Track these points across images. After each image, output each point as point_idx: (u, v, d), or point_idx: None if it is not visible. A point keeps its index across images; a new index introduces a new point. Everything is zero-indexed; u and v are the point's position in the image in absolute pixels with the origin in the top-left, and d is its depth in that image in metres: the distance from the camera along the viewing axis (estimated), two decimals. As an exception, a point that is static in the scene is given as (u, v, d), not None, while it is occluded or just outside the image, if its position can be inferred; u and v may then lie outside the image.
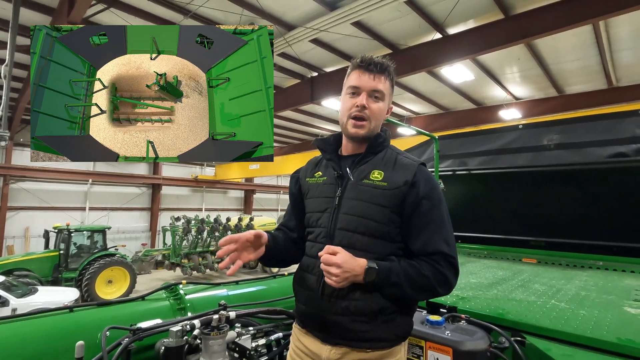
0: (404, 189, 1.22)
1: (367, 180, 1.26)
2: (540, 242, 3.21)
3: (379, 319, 1.18)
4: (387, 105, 1.35)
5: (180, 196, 20.61)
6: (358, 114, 1.28)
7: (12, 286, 8.55)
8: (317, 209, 1.34)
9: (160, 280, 14.15)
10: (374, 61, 1.29)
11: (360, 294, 1.18)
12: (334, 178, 1.33)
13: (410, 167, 1.26)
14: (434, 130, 12.35)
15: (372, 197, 1.23)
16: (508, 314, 1.48)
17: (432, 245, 1.18)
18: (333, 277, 1.13)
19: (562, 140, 3.13)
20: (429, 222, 1.21)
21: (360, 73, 1.29)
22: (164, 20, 7.42)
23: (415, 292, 1.17)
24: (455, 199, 3.64)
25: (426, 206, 1.21)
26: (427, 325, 1.36)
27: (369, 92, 1.28)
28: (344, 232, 1.24)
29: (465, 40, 7.21)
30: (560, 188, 3.05)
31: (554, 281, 2.18)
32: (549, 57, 8.61)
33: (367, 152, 1.32)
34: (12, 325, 1.50)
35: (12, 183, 14.98)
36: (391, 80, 1.34)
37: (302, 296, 1.32)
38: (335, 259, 1.13)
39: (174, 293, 2.03)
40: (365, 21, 7.36)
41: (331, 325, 1.21)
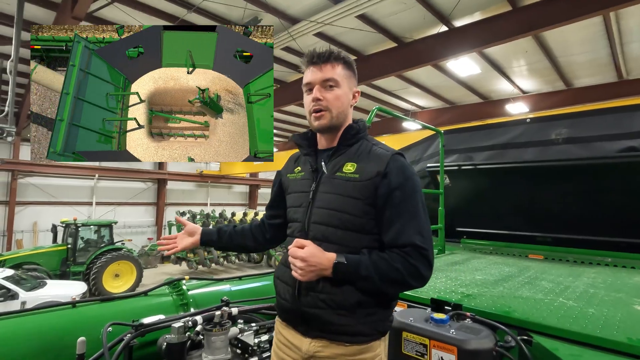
0: (376, 180, 1.20)
1: (340, 173, 1.26)
2: (547, 238, 3.17)
3: (359, 312, 1.18)
4: (348, 90, 1.32)
5: (185, 191, 20.73)
6: (315, 107, 1.28)
7: (21, 280, 8.67)
8: (295, 204, 1.35)
9: (166, 274, 14.30)
10: (317, 53, 1.29)
11: (336, 288, 1.18)
12: (310, 172, 1.34)
13: (383, 157, 1.24)
14: (439, 125, 12.23)
15: (345, 190, 1.23)
16: (514, 312, 1.45)
17: (404, 237, 1.16)
18: (298, 270, 1.14)
19: (571, 134, 3.07)
20: (401, 214, 1.18)
21: (309, 70, 1.30)
22: (167, 14, 7.38)
23: (386, 285, 1.16)
24: (460, 194, 3.60)
25: (398, 197, 1.19)
26: (431, 324, 1.33)
27: (320, 83, 1.28)
28: (318, 226, 1.25)
29: (471, 32, 7.09)
30: (568, 183, 2.99)
31: (561, 278, 2.14)
32: (557, 50, 8.45)
33: (340, 144, 1.31)
34: (17, 320, 1.50)
35: (20, 178, 15.15)
36: (344, 64, 1.31)
37: (281, 290, 1.32)
38: (300, 253, 1.14)
39: (177, 289, 2.03)
40: (369, 14, 7.27)
41: (310, 319, 1.22)
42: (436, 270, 2.33)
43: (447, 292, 1.76)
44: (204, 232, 1.54)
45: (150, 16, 7.34)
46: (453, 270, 2.36)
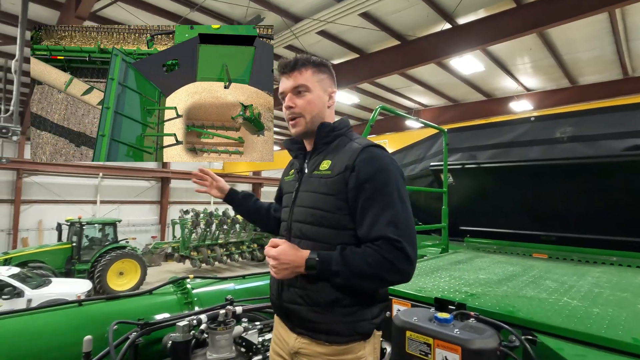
0: (346, 174, 1.21)
1: (316, 172, 1.29)
2: (551, 237, 3.15)
3: (336, 311, 1.18)
4: (321, 93, 1.33)
5: (189, 189, 20.78)
6: (289, 115, 1.32)
7: (27, 277, 8.74)
8: (284, 204, 1.42)
9: (170, 273, 14.37)
10: (285, 62, 1.32)
11: (312, 285, 1.20)
12: (296, 174, 1.40)
13: (354, 151, 1.23)
14: (442, 123, 12.19)
15: (318, 187, 1.25)
16: (518, 311, 1.45)
17: (376, 229, 1.14)
18: (272, 268, 1.19)
19: (576, 132, 3.05)
20: (372, 206, 1.16)
21: (281, 79, 1.34)
22: (170, 13, 7.39)
23: (361, 281, 1.15)
24: (464, 193, 3.58)
25: (369, 190, 1.17)
26: (435, 323, 1.33)
27: (291, 91, 1.31)
28: (297, 224, 1.28)
29: (475, 30, 7.05)
30: (573, 182, 2.97)
31: (566, 277, 2.13)
32: (562, 47, 8.39)
33: (317, 143, 1.34)
34: (23, 318, 1.52)
35: (25, 177, 15.28)
36: (314, 67, 1.33)
37: (272, 286, 1.37)
38: (272, 252, 1.18)
39: (182, 287, 2.04)
40: (373, 12, 7.24)
41: (291, 315, 1.25)
42: (440, 270, 2.32)
43: (450, 291, 1.76)
44: (230, 192, 1.65)
45: (153, 15, 7.35)
46: (457, 269, 2.36)
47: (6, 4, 7.16)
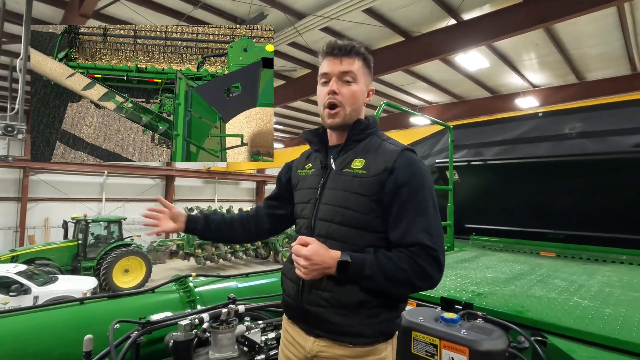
0: (383, 175, 1.16)
1: (347, 169, 1.23)
2: (559, 234, 3.11)
3: (361, 313, 1.15)
4: (364, 87, 1.29)
5: (193, 187, 20.87)
6: (330, 101, 1.24)
7: (33, 275, 8.81)
8: (303, 200, 1.33)
9: (174, 270, 14.44)
10: (339, 45, 1.25)
11: (339, 287, 1.15)
12: (320, 169, 1.32)
13: (392, 153, 1.20)
14: (447, 120, 12.04)
15: (351, 186, 1.20)
16: (527, 311, 1.41)
17: (411, 235, 1.12)
18: (301, 268, 1.12)
19: (585, 128, 2.99)
20: (408, 211, 1.14)
21: (328, 60, 1.26)
22: (174, 11, 7.36)
23: (392, 286, 1.12)
24: (470, 190, 3.54)
25: (406, 194, 1.15)
26: (441, 323, 1.30)
27: (338, 75, 1.24)
28: (323, 223, 1.22)
29: (480, 26, 6.95)
30: (582, 178, 2.92)
31: (575, 276, 2.08)
32: (569, 42, 8.26)
33: (349, 140, 1.28)
34: (24, 317, 1.51)
35: (32, 175, 15.39)
36: (364, 60, 1.28)
37: (287, 287, 1.31)
38: (304, 251, 1.11)
39: (184, 286, 2.02)
40: (377, 8, 7.17)
41: (312, 317, 1.20)
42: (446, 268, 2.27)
43: (457, 290, 1.73)
44: (190, 219, 1.48)
45: (157, 13, 7.34)
46: (463, 267, 2.32)
47: (11, 3, 7.19)
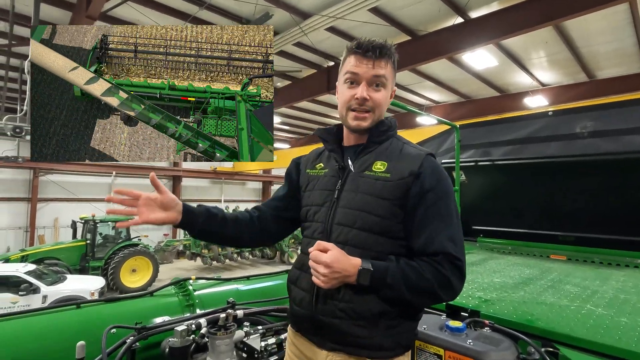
0: (408, 180, 1.10)
1: (368, 172, 1.16)
2: (569, 237, 3.01)
3: (381, 324, 1.07)
4: (391, 90, 1.24)
5: (200, 188, 20.97)
6: (359, 108, 1.17)
7: (42, 274, 8.91)
8: (316, 202, 1.23)
9: (181, 270, 14.53)
10: (373, 45, 1.17)
11: (358, 296, 1.07)
12: (336, 170, 1.23)
13: (417, 157, 1.14)
14: (454, 120, 11.89)
15: (373, 189, 1.12)
16: (537, 320, 1.34)
17: (436, 244, 1.06)
18: (321, 276, 1.04)
19: (597, 127, 2.90)
20: (433, 218, 1.08)
21: (358, 59, 1.18)
22: (179, 12, 7.38)
23: (414, 296, 1.06)
24: (477, 191, 3.46)
25: (431, 199, 1.09)
26: (446, 332, 1.24)
27: (369, 80, 1.16)
28: (342, 227, 1.14)
29: (488, 24, 6.84)
30: (594, 179, 2.83)
31: (588, 282, 2.00)
32: (579, 40, 8.10)
33: (370, 141, 1.21)
34: (18, 322, 1.49)
35: (42, 175, 15.61)
36: (393, 62, 1.22)
37: (297, 296, 1.21)
38: (324, 258, 1.03)
39: (183, 289, 1.98)
40: (382, 7, 7.10)
41: (327, 329, 1.11)
42: (452, 272, 2.22)
43: (463, 296, 1.66)
44: (187, 210, 1.23)
45: (163, 14, 7.36)
46: (469, 271, 2.25)
47: (19, 5, 7.27)
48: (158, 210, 1.20)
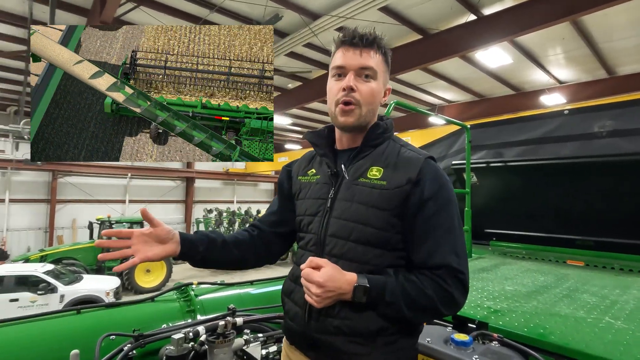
0: (407, 188, 1.02)
1: (363, 179, 1.07)
2: (588, 241, 2.87)
3: (378, 340, 1.01)
4: (382, 85, 1.13)
5: (212, 189, 21.19)
6: (346, 98, 1.07)
7: (60, 274, 9.11)
8: (309, 212, 1.15)
9: (194, 270, 14.68)
10: (359, 33, 1.08)
11: (354, 313, 1.00)
12: (328, 176, 1.14)
13: (415, 162, 1.06)
14: (468, 119, 11.70)
15: (369, 199, 1.04)
16: (550, 334, 1.25)
17: (438, 256, 0.99)
18: (313, 296, 0.97)
19: (618, 126, 2.75)
20: (434, 228, 1.01)
21: (345, 50, 1.09)
22: (190, 15, 7.46)
23: (414, 313, 0.99)
24: (490, 193, 3.35)
25: (432, 208, 1.01)
26: (451, 346, 1.17)
27: (356, 70, 1.07)
28: (336, 240, 1.06)
29: (502, 20, 6.66)
30: (613, 180, 2.69)
31: (607, 290, 1.88)
32: (598, 35, 7.82)
33: (364, 145, 1.12)
34: (20, 327, 1.49)
35: (60, 177, 16.04)
36: (383, 54, 1.12)
37: (290, 310, 1.15)
38: (316, 277, 0.96)
39: (185, 294, 1.97)
40: (393, 6, 7.01)
41: (322, 346, 1.05)
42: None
43: (471, 306, 1.58)
44: (185, 240, 1.15)
45: (174, 17, 7.45)
46: (480, 278, 2.16)
47: (37, 12, 7.46)
48: (155, 245, 1.12)
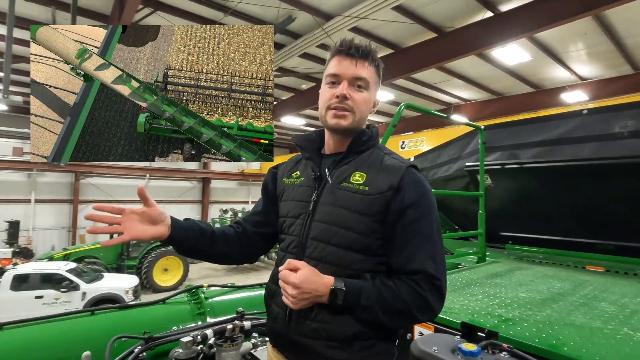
0: (388, 194, 1.05)
1: (346, 184, 1.10)
2: (609, 245, 2.77)
3: (355, 345, 1.03)
4: (372, 96, 1.17)
5: (228, 189, 21.48)
6: (339, 105, 1.11)
7: (82, 272, 9.43)
8: (291, 214, 1.18)
9: (210, 269, 14.95)
10: (355, 44, 1.13)
11: (331, 316, 1.03)
12: (312, 180, 1.17)
13: (398, 170, 1.09)
14: (485, 118, 11.46)
15: (351, 203, 1.07)
16: (563, 345, 1.21)
17: (416, 262, 1.01)
18: (290, 297, 1.00)
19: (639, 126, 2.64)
20: (414, 235, 1.04)
21: (340, 59, 1.13)
22: (206, 19, 7.58)
23: (389, 317, 1.01)
24: (505, 195, 3.27)
25: (412, 215, 1.04)
26: (459, 356, 1.14)
27: (350, 80, 1.12)
28: (317, 243, 1.09)
29: (520, 16, 6.49)
30: (636, 182, 2.57)
31: (627, 299, 1.80)
32: (622, 30, 7.51)
33: (349, 151, 1.16)
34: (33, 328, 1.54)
35: (82, 179, 16.60)
36: (376, 67, 1.17)
37: (272, 312, 1.17)
38: (292, 278, 0.99)
39: (195, 297, 1.99)
40: (407, 5, 6.92)
41: (302, 349, 1.07)
42: (473, 284, 2.08)
43: (481, 314, 1.54)
44: (176, 226, 1.14)
45: (190, 21, 7.59)
46: (492, 284, 2.10)
47: (60, 19, 7.73)
48: (146, 224, 1.12)
